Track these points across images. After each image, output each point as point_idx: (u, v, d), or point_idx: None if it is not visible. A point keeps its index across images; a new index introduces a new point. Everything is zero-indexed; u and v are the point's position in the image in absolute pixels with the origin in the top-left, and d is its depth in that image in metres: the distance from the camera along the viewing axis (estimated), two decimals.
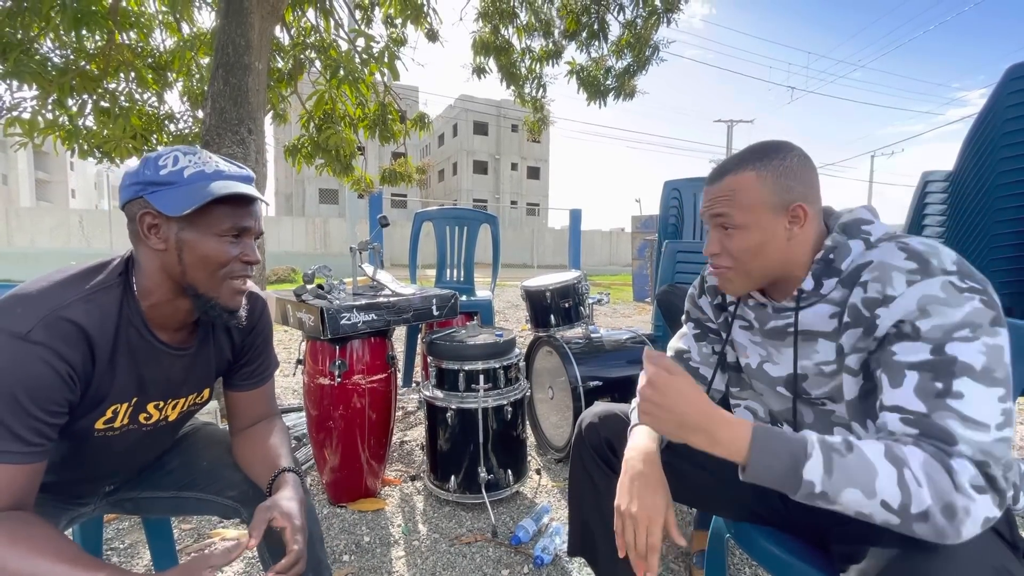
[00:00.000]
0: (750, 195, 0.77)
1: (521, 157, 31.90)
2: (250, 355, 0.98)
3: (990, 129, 1.56)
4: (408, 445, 2.30)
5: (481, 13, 4.75)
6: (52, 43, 3.38)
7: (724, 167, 0.80)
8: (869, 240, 0.74)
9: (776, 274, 0.81)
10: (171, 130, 3.89)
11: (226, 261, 0.79)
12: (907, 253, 0.69)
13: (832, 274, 0.76)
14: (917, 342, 0.64)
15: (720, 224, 0.80)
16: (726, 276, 0.83)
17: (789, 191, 0.76)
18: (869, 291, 0.70)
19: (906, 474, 0.59)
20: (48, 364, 0.67)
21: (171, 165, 0.75)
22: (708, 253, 0.85)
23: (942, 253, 0.68)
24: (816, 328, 0.79)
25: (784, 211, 0.76)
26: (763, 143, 0.80)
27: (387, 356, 1.79)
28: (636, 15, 4.46)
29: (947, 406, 0.61)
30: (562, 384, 2.05)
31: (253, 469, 0.92)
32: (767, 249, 0.78)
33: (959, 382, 0.61)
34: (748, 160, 0.78)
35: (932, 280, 0.65)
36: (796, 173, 0.76)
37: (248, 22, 2.48)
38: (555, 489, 1.91)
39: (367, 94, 3.88)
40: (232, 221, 0.78)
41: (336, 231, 19.18)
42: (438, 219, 3.09)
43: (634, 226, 8.85)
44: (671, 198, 2.74)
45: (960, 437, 0.60)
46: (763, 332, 0.88)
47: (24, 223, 15.95)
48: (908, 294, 0.65)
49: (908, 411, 0.63)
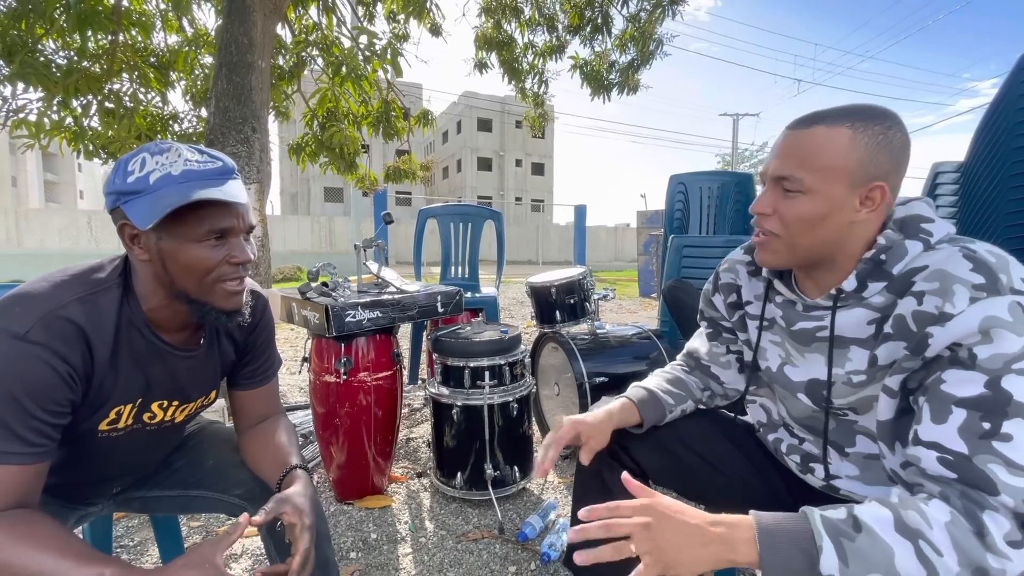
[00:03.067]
0: (834, 156, 0.67)
1: (525, 153, 31.82)
2: (253, 354, 0.98)
3: (1003, 118, 1.53)
4: (414, 442, 2.30)
5: (484, 8, 4.73)
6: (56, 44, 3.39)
7: (817, 115, 0.70)
8: (929, 242, 0.66)
9: (821, 257, 0.73)
10: (175, 130, 3.91)
11: (210, 267, 0.75)
12: (974, 263, 0.61)
13: (881, 277, 0.68)
14: (972, 371, 0.58)
15: (782, 187, 0.71)
16: (769, 245, 0.75)
17: (878, 166, 0.66)
18: (925, 304, 0.62)
19: (923, 547, 0.53)
20: (47, 364, 0.67)
21: (138, 170, 0.71)
22: (756, 211, 0.75)
23: (1012, 267, 0.60)
24: (850, 334, 0.72)
25: (863, 187, 0.67)
26: (868, 104, 0.70)
27: (392, 353, 1.78)
28: (640, 8, 4.42)
29: (992, 449, 0.55)
30: (568, 380, 2.04)
31: (262, 467, 0.92)
32: (826, 225, 0.69)
33: (1010, 423, 0.55)
34: (848, 116, 0.68)
35: (999, 299, 0.57)
36: (894, 149, 0.67)
37: (251, 20, 2.48)
38: (561, 485, 1.91)
39: (370, 91, 3.87)
40: (209, 224, 0.73)
41: (341, 229, 19.23)
42: (442, 216, 3.08)
43: (639, 221, 8.80)
44: (677, 192, 2.72)
45: (1003, 486, 0.54)
46: (788, 332, 0.81)
47: (33, 224, 16.09)
48: (970, 313, 0.58)
49: (948, 450, 0.57)
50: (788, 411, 0.89)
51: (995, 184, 1.57)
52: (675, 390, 0.99)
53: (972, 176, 1.66)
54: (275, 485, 0.87)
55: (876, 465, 0.77)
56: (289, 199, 29.68)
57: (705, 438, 0.97)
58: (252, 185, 2.43)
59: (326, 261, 1.95)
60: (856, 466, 0.80)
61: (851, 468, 0.80)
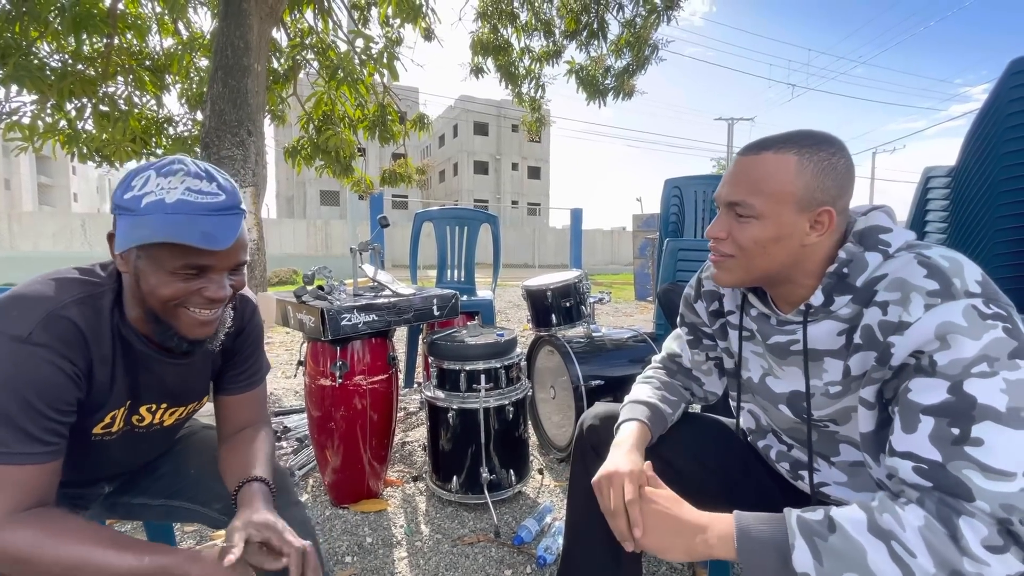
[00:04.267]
0: (782, 181, 0.69)
1: (522, 157, 31.90)
2: (239, 358, 0.96)
3: (993, 124, 1.55)
4: (410, 446, 2.30)
5: (480, 13, 4.75)
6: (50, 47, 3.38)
7: (765, 142, 0.72)
8: (887, 252, 0.68)
9: (776, 276, 0.75)
10: (170, 133, 3.90)
11: (174, 298, 0.72)
12: (928, 270, 0.62)
13: (846, 290, 0.70)
14: (934, 378, 0.58)
15: (735, 212, 0.74)
16: (725, 265, 0.77)
17: (824, 191, 0.69)
18: (889, 314, 0.63)
19: (896, 547, 0.54)
20: (53, 364, 0.67)
21: (138, 188, 0.69)
22: (711, 235, 0.77)
23: (966, 270, 0.61)
24: (822, 346, 0.74)
25: (810, 211, 0.69)
26: (813, 131, 0.72)
27: (388, 357, 1.78)
28: (636, 14, 4.46)
29: (965, 455, 0.55)
30: (564, 384, 2.05)
31: (227, 475, 0.88)
32: (778, 247, 0.71)
33: (979, 427, 0.55)
34: (795, 142, 0.70)
35: (954, 304, 0.59)
36: (839, 174, 0.69)
37: (247, 24, 2.48)
38: (557, 489, 1.91)
39: (366, 95, 3.89)
40: (185, 259, 0.69)
41: (337, 233, 19.21)
42: (439, 219, 3.09)
43: (635, 225, 8.84)
44: (672, 196, 2.73)
45: (978, 491, 0.54)
46: (765, 345, 0.83)
47: (27, 227, 16.00)
48: (926, 320, 0.59)
49: (922, 459, 0.58)
50: (774, 425, 0.91)
51: (985, 188, 1.59)
52: (671, 397, 0.99)
53: (963, 181, 1.67)
54: (231, 499, 0.81)
55: (863, 472, 0.78)
56: (285, 202, 29.62)
57: (701, 444, 0.97)
58: (248, 188, 2.43)
59: (322, 264, 1.95)
60: (844, 473, 0.80)
61: (839, 475, 0.81)
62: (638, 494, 0.74)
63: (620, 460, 0.80)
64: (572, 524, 1.01)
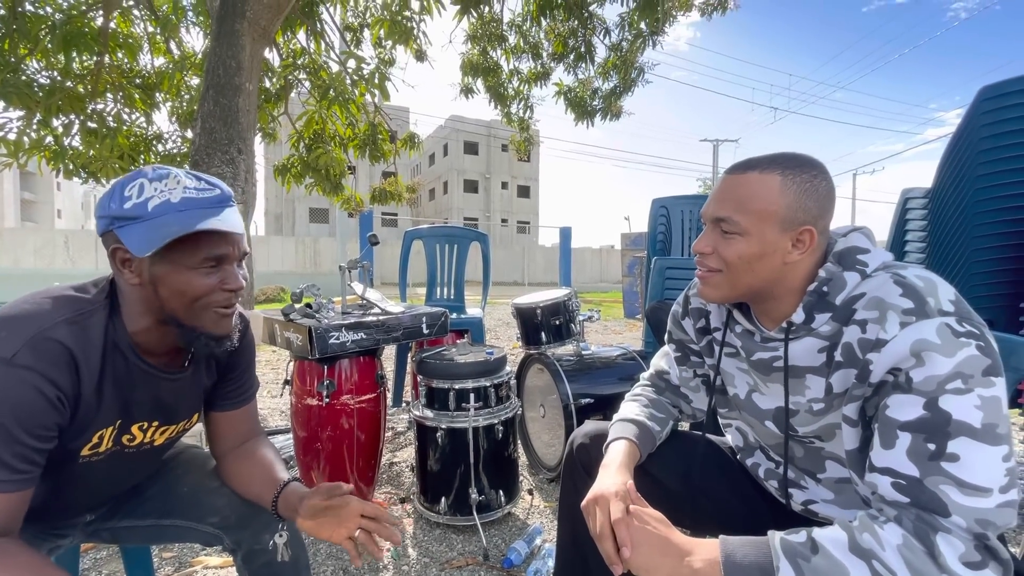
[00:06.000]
0: (766, 200, 0.71)
1: (511, 176, 32.19)
2: (234, 374, 0.97)
3: (966, 147, 1.61)
4: (398, 466, 2.26)
5: (470, 35, 4.84)
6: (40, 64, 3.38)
7: (751, 162, 0.75)
8: (865, 272, 0.70)
9: (760, 292, 0.77)
10: (159, 150, 3.89)
11: (203, 293, 0.74)
12: (903, 289, 0.64)
13: (826, 308, 0.72)
14: (910, 395, 0.60)
15: (721, 228, 0.76)
16: (711, 280, 0.79)
17: (806, 211, 0.71)
18: (868, 332, 0.65)
19: (876, 567, 0.55)
20: (36, 388, 0.65)
21: (136, 196, 0.70)
22: (697, 251, 0.79)
23: (940, 289, 0.63)
24: (804, 363, 0.75)
25: (792, 230, 0.72)
26: (797, 153, 0.75)
27: (376, 375, 1.76)
28: (622, 38, 4.58)
29: (942, 470, 0.56)
30: (553, 402, 2.04)
31: (250, 487, 0.90)
32: (762, 264, 0.73)
33: (955, 443, 0.56)
34: (779, 163, 0.73)
35: (928, 322, 0.60)
36: (820, 196, 0.72)
37: (239, 44, 2.50)
38: (548, 510, 1.88)
39: (357, 114, 3.92)
40: (206, 251, 0.73)
41: (326, 250, 19.12)
42: (428, 237, 3.09)
43: (624, 243, 8.92)
44: (659, 215, 2.77)
45: (954, 507, 0.55)
46: (749, 362, 0.84)
47: (7, 244, 15.70)
48: (901, 338, 0.61)
49: (900, 475, 0.59)
50: (760, 441, 0.91)
51: (961, 209, 1.64)
52: (659, 415, 0.99)
53: (939, 203, 1.72)
54: (270, 502, 0.85)
55: (849, 489, 0.78)
56: (274, 219, 29.48)
57: (689, 462, 0.97)
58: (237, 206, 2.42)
59: (310, 282, 1.94)
60: (830, 490, 0.81)
61: (826, 492, 0.81)
62: (626, 512, 0.74)
63: (607, 481, 0.80)
64: (563, 546, 1.00)
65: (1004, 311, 1.57)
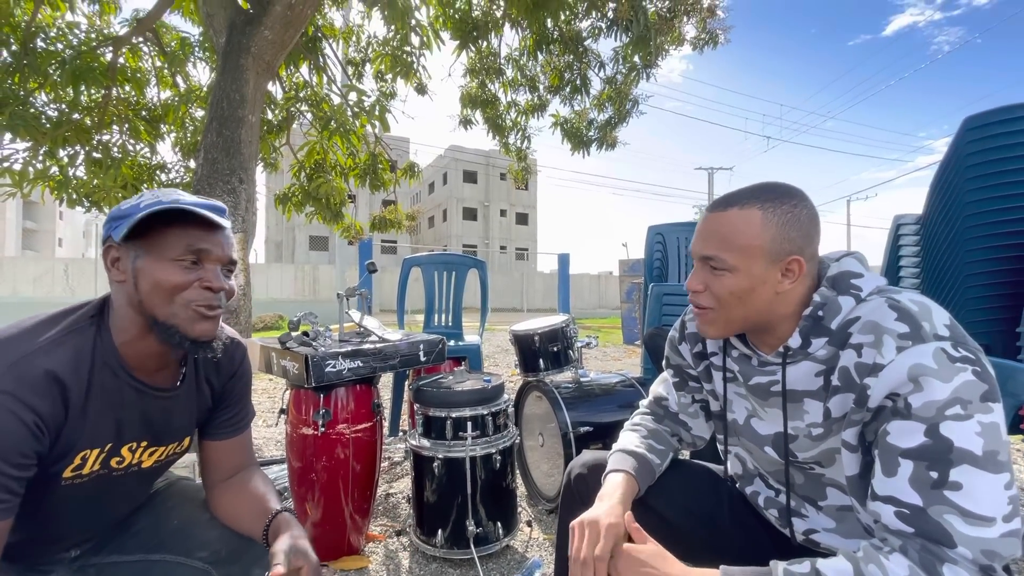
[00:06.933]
0: (749, 236, 0.72)
1: (510, 204, 32.57)
2: (229, 401, 0.96)
3: (954, 174, 1.64)
4: (394, 498, 2.22)
5: (468, 69, 4.98)
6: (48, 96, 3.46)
7: (730, 198, 0.75)
8: (859, 296, 0.71)
9: (757, 323, 0.77)
10: (162, 179, 3.95)
11: (179, 285, 0.74)
12: (898, 313, 0.64)
13: (821, 333, 0.72)
14: (910, 421, 0.59)
15: (709, 266, 0.76)
16: (707, 317, 0.79)
17: (791, 241, 0.71)
18: (864, 356, 0.65)
19: None
20: (13, 414, 0.64)
21: (134, 200, 0.76)
22: (690, 288, 0.80)
23: (934, 314, 0.63)
24: (801, 387, 0.75)
25: (779, 262, 0.72)
26: (775, 184, 0.75)
27: (373, 404, 1.75)
28: (616, 71, 4.71)
29: (945, 499, 0.56)
30: (552, 430, 2.01)
31: (240, 518, 0.88)
32: (754, 297, 0.74)
33: (957, 471, 0.56)
34: (758, 197, 0.73)
35: (924, 347, 0.60)
36: (802, 225, 0.72)
37: (243, 78, 2.57)
38: (547, 542, 1.84)
39: (358, 145, 3.99)
40: (185, 243, 0.75)
41: (326, 277, 19.16)
42: (426, 265, 3.11)
43: (622, 270, 8.97)
44: (655, 242, 2.80)
45: (959, 537, 0.54)
46: (747, 387, 0.84)
47: (7, 272, 15.73)
48: (898, 363, 0.61)
49: (903, 504, 0.58)
50: (760, 468, 0.90)
51: (953, 235, 1.66)
52: (658, 446, 0.98)
53: (931, 229, 1.75)
54: (260, 534, 0.84)
55: (851, 517, 0.77)
56: (274, 247, 29.65)
57: (689, 493, 0.96)
58: (237, 235, 2.44)
59: (309, 310, 1.94)
60: (832, 519, 0.80)
61: (827, 521, 0.80)
62: (611, 551, 0.73)
63: (602, 511, 0.79)
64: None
65: (1001, 336, 1.58)
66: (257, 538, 0.85)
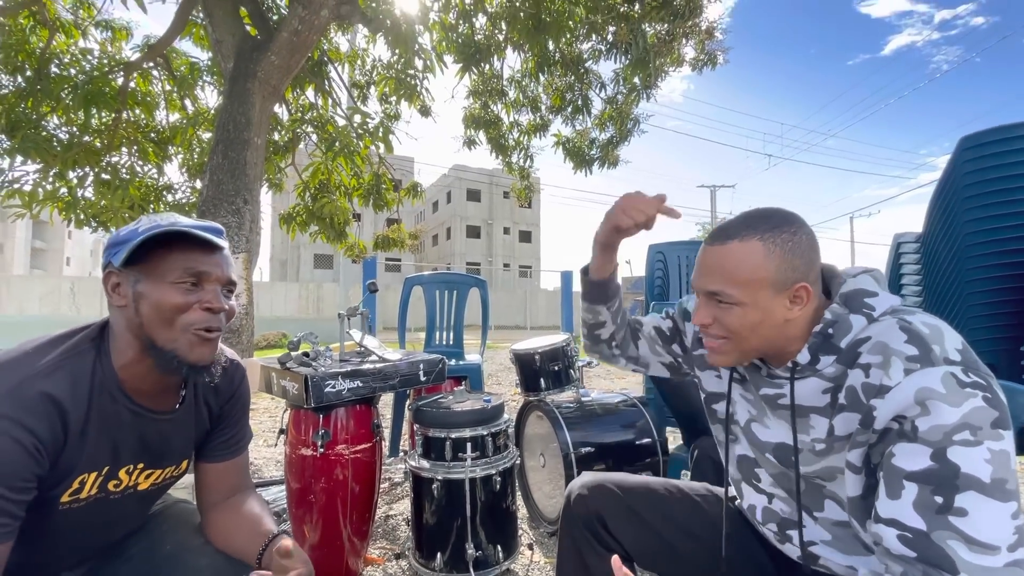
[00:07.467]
0: (753, 269, 0.70)
1: (513, 222, 32.78)
2: (227, 422, 0.96)
3: (952, 193, 1.65)
4: (394, 519, 2.19)
5: (471, 91, 5.07)
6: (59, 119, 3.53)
7: (729, 230, 0.73)
8: (872, 316, 0.69)
9: (770, 348, 0.77)
10: (169, 200, 4.00)
11: (180, 307, 0.74)
12: (908, 335, 0.63)
13: (831, 350, 0.71)
14: (916, 444, 0.58)
15: (716, 300, 0.75)
16: (720, 349, 0.77)
17: (794, 269, 0.70)
18: (871, 377, 0.64)
19: None
20: (12, 438, 0.65)
21: (132, 226, 0.76)
22: (698, 323, 0.78)
23: (946, 338, 0.62)
24: (808, 403, 0.74)
25: (786, 290, 0.71)
26: (770, 211, 0.74)
27: (372, 424, 1.74)
28: (617, 92, 4.78)
29: (949, 525, 0.55)
30: (553, 451, 1.99)
31: (235, 541, 0.87)
32: (763, 327, 0.73)
33: (963, 496, 0.55)
34: (756, 227, 0.72)
35: (933, 371, 0.59)
36: (803, 251, 0.71)
37: (250, 101, 2.63)
38: (548, 566, 1.80)
39: (362, 165, 4.05)
40: (184, 265, 0.75)
41: (330, 296, 19.23)
42: (428, 283, 3.12)
43: (625, 287, 8.96)
44: (656, 260, 2.80)
45: (962, 564, 0.53)
46: (757, 395, 0.83)
47: (15, 291, 15.88)
48: (905, 385, 0.60)
49: (907, 527, 0.57)
50: (760, 463, 0.89)
51: (953, 254, 1.66)
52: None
53: (931, 247, 1.75)
54: (255, 558, 0.83)
55: (847, 534, 0.76)
56: (279, 265, 29.85)
57: (687, 514, 0.95)
58: (240, 255, 2.47)
59: (313, 328, 1.94)
60: (828, 532, 0.79)
61: (823, 533, 0.79)
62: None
63: None
64: None
65: (1005, 355, 1.56)
66: (251, 560, 0.84)
